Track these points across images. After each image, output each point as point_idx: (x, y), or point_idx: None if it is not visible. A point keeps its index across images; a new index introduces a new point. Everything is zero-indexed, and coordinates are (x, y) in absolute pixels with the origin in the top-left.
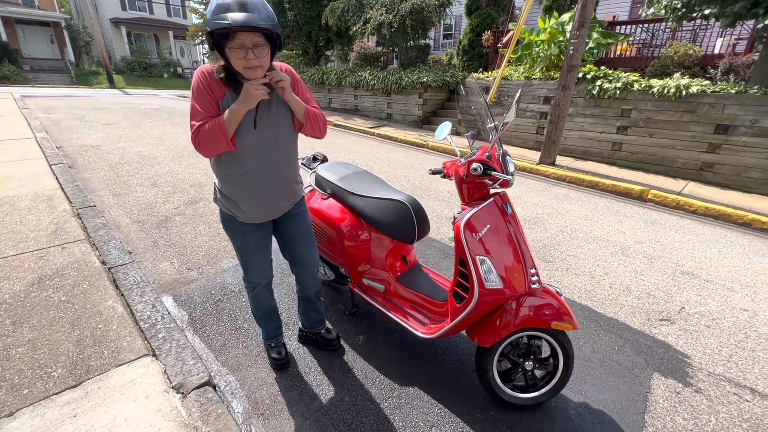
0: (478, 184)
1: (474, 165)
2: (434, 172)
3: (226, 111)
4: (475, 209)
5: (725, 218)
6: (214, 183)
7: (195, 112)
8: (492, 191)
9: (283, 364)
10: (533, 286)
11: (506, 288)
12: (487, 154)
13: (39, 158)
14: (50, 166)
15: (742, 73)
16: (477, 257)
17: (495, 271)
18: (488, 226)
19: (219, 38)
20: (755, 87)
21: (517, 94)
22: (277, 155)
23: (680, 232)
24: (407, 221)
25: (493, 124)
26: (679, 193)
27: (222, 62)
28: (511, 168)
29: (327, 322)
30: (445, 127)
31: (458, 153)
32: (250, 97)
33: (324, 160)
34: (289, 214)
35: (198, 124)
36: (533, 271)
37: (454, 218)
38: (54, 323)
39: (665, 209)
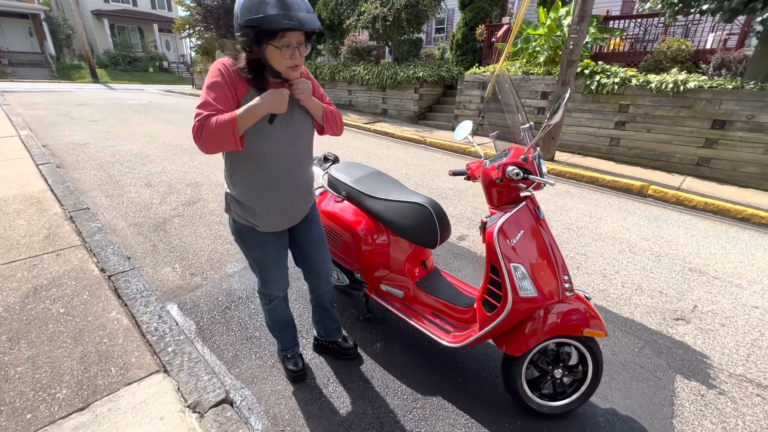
0: (511, 187)
1: (515, 169)
2: (456, 174)
3: (243, 107)
4: (508, 214)
5: (724, 213)
6: (226, 192)
7: (206, 103)
8: (523, 194)
9: (300, 375)
10: (566, 293)
11: (540, 296)
12: (522, 156)
13: (24, 157)
14: (37, 165)
15: (734, 68)
16: (511, 264)
17: (529, 279)
18: (522, 231)
19: (263, 36)
20: (752, 82)
21: (566, 95)
22: (301, 155)
23: (683, 228)
24: (429, 225)
25: (528, 125)
26: (678, 189)
27: (244, 60)
28: (545, 170)
29: (343, 330)
30: (466, 125)
31: (482, 154)
32: (280, 103)
33: (335, 160)
34: (304, 219)
35: (205, 113)
36: (566, 277)
37: (483, 224)
38: (54, 338)
39: (665, 205)
